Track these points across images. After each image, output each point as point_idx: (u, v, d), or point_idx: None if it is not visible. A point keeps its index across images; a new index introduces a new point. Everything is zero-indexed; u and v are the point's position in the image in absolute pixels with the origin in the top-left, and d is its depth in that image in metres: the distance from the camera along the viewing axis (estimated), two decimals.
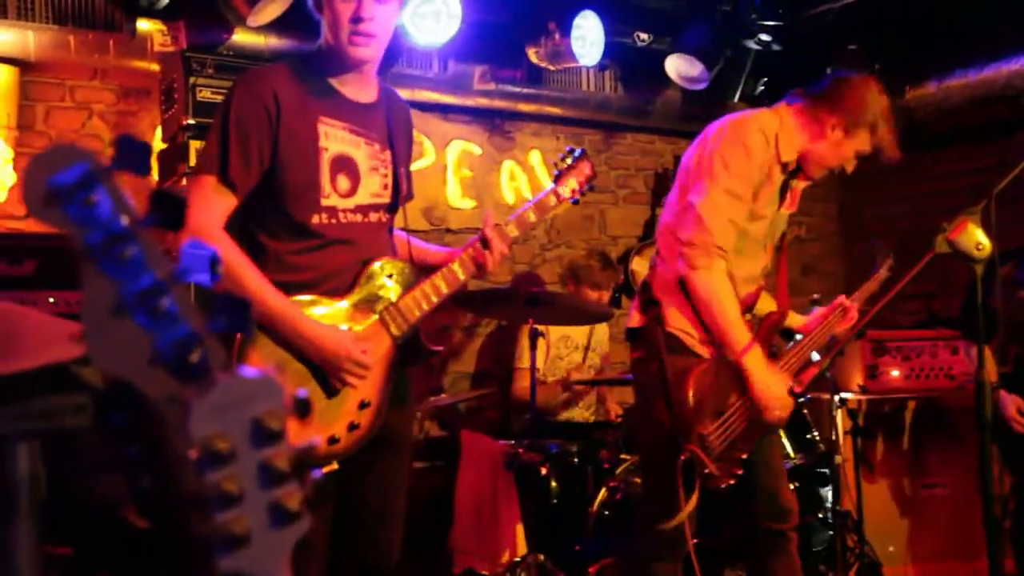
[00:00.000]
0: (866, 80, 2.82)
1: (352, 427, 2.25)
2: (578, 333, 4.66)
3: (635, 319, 2.88)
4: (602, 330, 4.79)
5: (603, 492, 3.83)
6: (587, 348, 4.71)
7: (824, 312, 3.07)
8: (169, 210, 0.92)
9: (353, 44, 2.24)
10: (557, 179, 2.74)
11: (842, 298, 3.10)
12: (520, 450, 3.85)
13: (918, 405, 4.81)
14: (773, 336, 2.91)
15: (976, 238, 2.27)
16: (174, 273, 0.92)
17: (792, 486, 3.84)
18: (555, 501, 3.91)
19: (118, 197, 0.90)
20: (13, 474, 1.24)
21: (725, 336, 2.66)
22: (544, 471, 3.74)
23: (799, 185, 2.89)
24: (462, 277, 2.43)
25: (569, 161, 2.78)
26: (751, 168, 2.67)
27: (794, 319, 3.07)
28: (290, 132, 2.23)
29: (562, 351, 4.62)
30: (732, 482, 2.69)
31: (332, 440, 2.21)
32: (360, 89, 2.37)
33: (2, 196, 3.77)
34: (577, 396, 4.59)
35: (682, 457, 2.61)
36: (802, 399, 4.17)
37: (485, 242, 2.44)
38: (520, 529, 3.87)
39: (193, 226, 2.14)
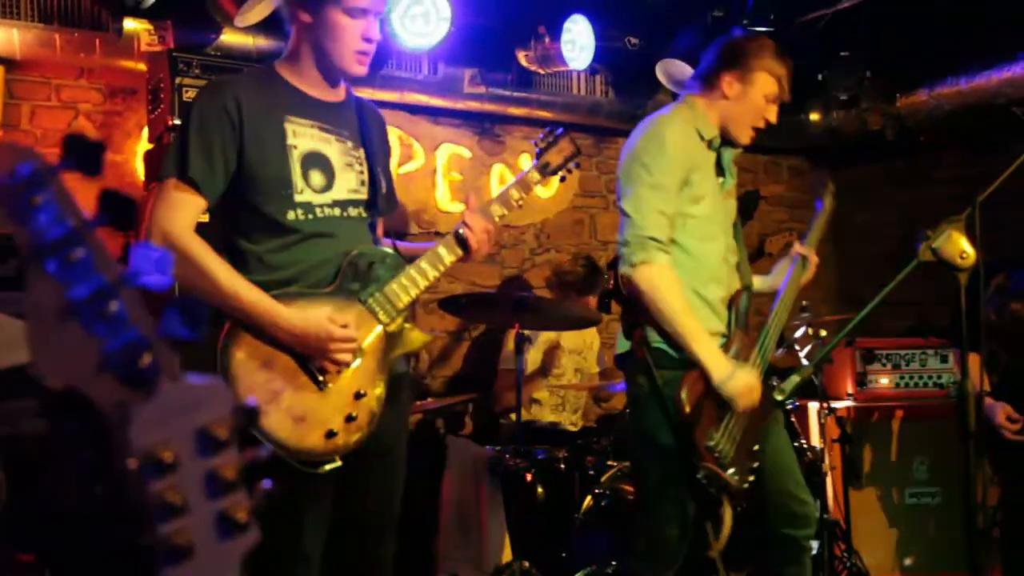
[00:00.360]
0: (737, 35, 2.95)
1: (349, 419, 2.20)
2: (570, 339, 4.65)
3: (621, 345, 2.89)
4: (592, 337, 4.78)
5: (589, 499, 3.81)
6: (578, 353, 4.69)
7: (785, 268, 3.08)
8: (119, 210, 0.90)
9: (359, 63, 2.29)
10: (539, 156, 2.71)
11: (797, 246, 3.11)
12: (506, 456, 3.84)
13: (906, 413, 4.80)
14: (747, 312, 2.91)
15: (960, 246, 2.25)
16: (123, 276, 0.90)
17: None
18: (541, 507, 3.88)
19: (64, 198, 0.87)
20: None
21: (678, 330, 2.64)
22: (529, 477, 3.72)
23: (733, 154, 2.94)
24: (448, 259, 2.39)
25: (550, 139, 2.73)
26: (671, 161, 2.69)
27: (760, 283, 3.08)
28: (255, 133, 2.23)
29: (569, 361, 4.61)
30: (751, 480, 2.69)
31: (330, 434, 2.17)
32: (327, 90, 2.37)
33: None
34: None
35: (699, 476, 2.60)
36: (789, 406, 4.16)
37: (466, 223, 2.41)
38: (505, 535, 3.85)
39: (159, 229, 2.14)
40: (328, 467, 2.17)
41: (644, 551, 2.82)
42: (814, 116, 5.71)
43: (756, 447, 2.75)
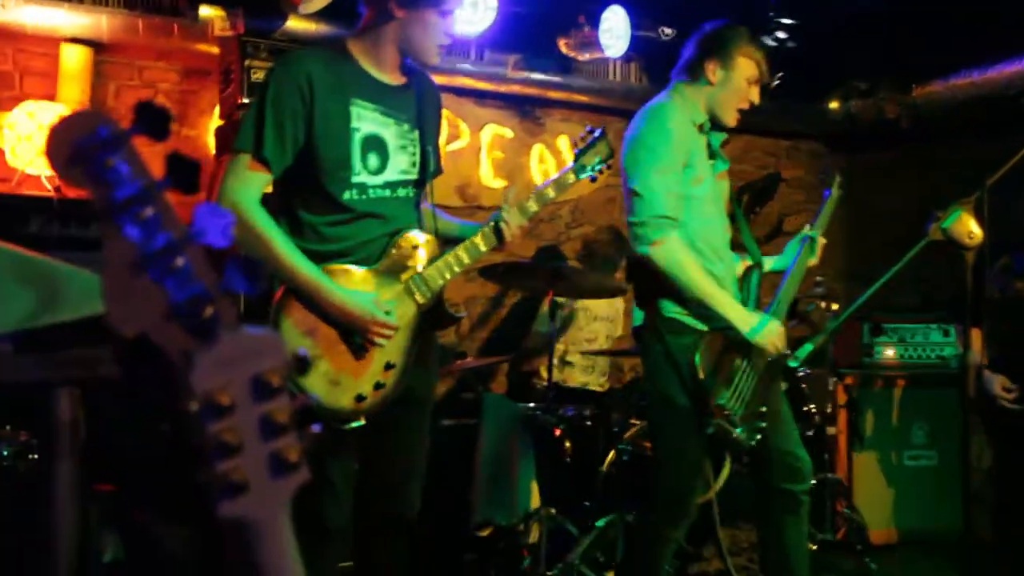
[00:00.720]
0: (715, 26, 2.90)
1: (378, 386, 2.24)
2: (598, 307, 4.62)
3: (636, 318, 2.88)
4: (619, 305, 4.75)
5: (612, 454, 3.81)
6: (610, 321, 4.67)
7: (794, 249, 3.04)
8: (184, 173, 0.89)
9: (439, 55, 2.31)
10: (577, 157, 2.70)
11: (807, 228, 3.06)
12: (538, 412, 3.84)
13: (908, 383, 4.74)
14: (758, 288, 2.89)
15: (969, 227, 2.20)
16: (189, 234, 0.89)
17: None
18: (568, 460, 3.89)
19: (136, 160, 0.87)
20: (55, 418, 1.23)
21: (702, 297, 2.64)
22: (558, 432, 3.72)
23: (720, 139, 2.92)
24: (483, 249, 2.41)
25: (588, 140, 2.72)
26: (674, 144, 2.68)
27: (770, 262, 3.05)
28: (324, 113, 2.21)
29: (583, 323, 4.59)
30: (759, 438, 2.70)
31: (359, 398, 2.21)
32: (392, 72, 2.34)
33: None
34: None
35: (709, 431, 2.62)
36: (801, 373, 4.12)
37: (503, 218, 2.42)
38: (535, 485, 3.86)
39: (229, 200, 2.13)
40: (353, 425, 2.20)
41: (662, 505, 2.82)
42: (833, 104, 5.60)
43: (764, 408, 2.75)
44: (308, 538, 1.72)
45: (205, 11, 3.71)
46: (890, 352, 4.77)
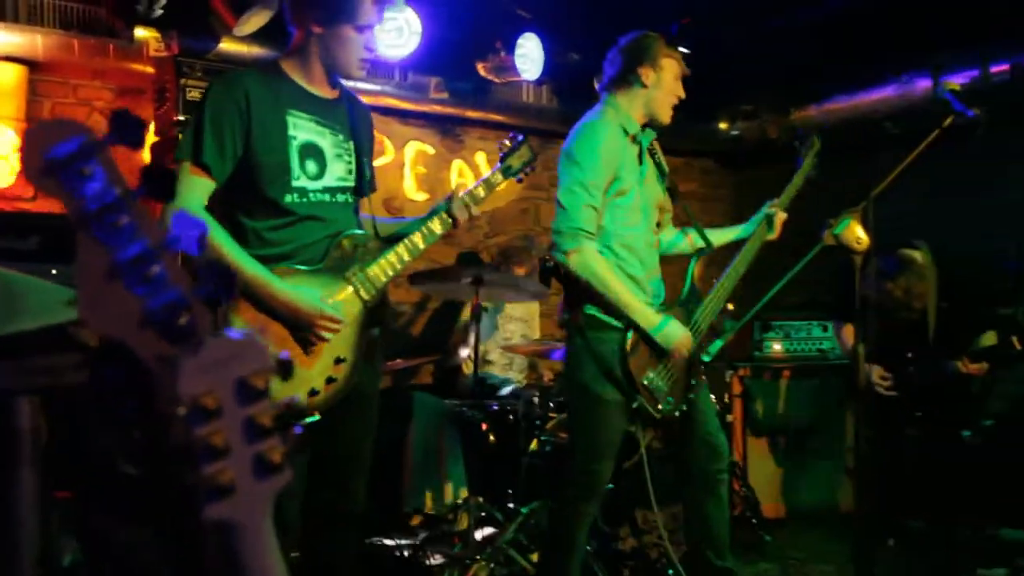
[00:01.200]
0: (635, 36, 2.92)
1: (330, 380, 2.19)
2: (516, 310, 4.62)
3: (564, 313, 2.89)
4: (534, 307, 4.76)
5: (534, 444, 3.80)
6: (525, 322, 4.67)
7: (756, 223, 3.11)
8: (161, 182, 0.83)
9: (361, 69, 2.26)
10: (502, 159, 2.69)
11: (767, 204, 3.16)
12: (464, 408, 3.80)
13: (792, 374, 4.88)
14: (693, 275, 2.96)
15: (856, 233, 2.27)
16: (164, 242, 0.84)
17: None
18: (493, 451, 3.86)
19: (111, 169, 0.81)
20: (17, 426, 1.14)
21: (611, 298, 2.67)
22: (484, 427, 3.69)
23: (651, 136, 2.93)
24: (422, 246, 2.38)
25: (512, 145, 2.73)
26: (601, 162, 2.69)
27: (725, 235, 3.14)
28: (261, 123, 2.16)
29: (500, 323, 4.57)
30: (683, 408, 2.78)
31: (312, 392, 2.15)
32: (323, 87, 2.30)
33: (10, 180, 3.58)
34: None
35: (634, 406, 2.68)
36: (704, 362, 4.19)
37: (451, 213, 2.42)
38: (463, 475, 3.82)
39: (174, 206, 2.05)
40: (308, 420, 2.14)
41: (578, 484, 2.82)
42: (722, 125, 5.74)
43: (693, 382, 2.84)
44: None
45: (140, 32, 3.56)
46: (777, 346, 4.91)
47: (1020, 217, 4.94)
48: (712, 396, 4.07)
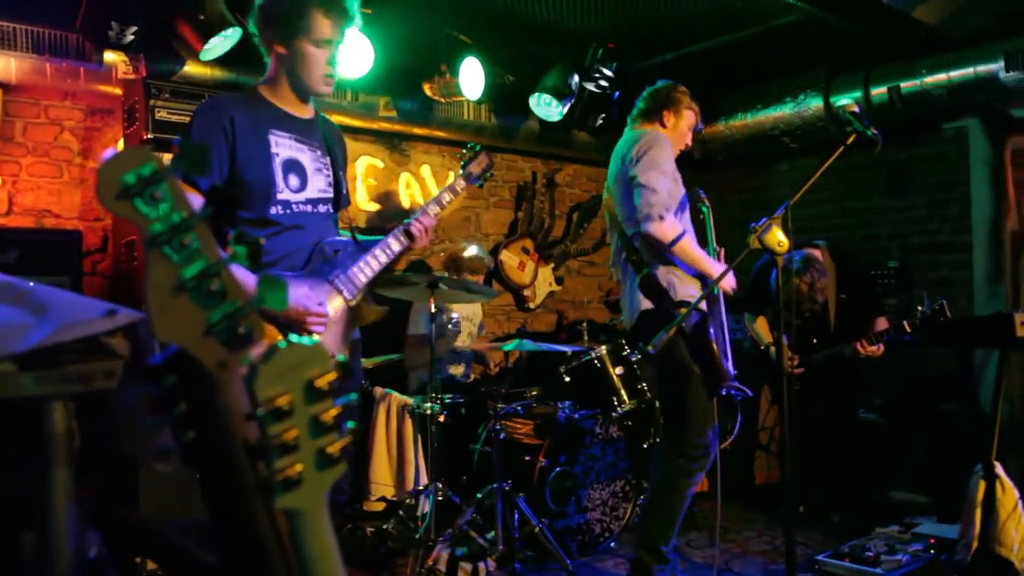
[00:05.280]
0: (667, 84, 3.20)
1: None
2: (468, 311, 4.64)
3: (633, 303, 3.00)
4: (477, 307, 4.79)
5: (487, 434, 3.83)
6: (472, 321, 4.70)
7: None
8: (222, 204, 0.84)
9: (326, 85, 2.24)
10: (463, 167, 2.71)
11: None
12: (422, 402, 3.80)
13: None
14: None
15: (778, 237, 2.36)
16: (222, 259, 0.85)
17: (628, 423, 3.96)
18: (450, 441, 3.88)
19: (177, 193, 0.82)
20: (51, 430, 1.12)
21: (700, 264, 2.84)
22: (441, 419, 3.71)
23: None
24: (396, 248, 2.38)
25: (471, 154, 2.75)
26: (670, 161, 2.94)
27: None
28: (245, 144, 2.14)
29: (462, 328, 4.58)
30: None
31: None
32: (300, 108, 2.30)
33: None
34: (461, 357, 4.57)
35: (723, 392, 2.85)
36: (633, 358, 4.28)
37: (411, 223, 2.41)
38: (423, 464, 3.83)
39: None
40: None
41: (695, 453, 2.89)
42: None
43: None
44: None
45: (109, 56, 3.45)
46: None
47: (898, 221, 5.22)
48: (641, 384, 4.21)
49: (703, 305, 2.87)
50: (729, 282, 2.94)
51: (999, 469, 2.83)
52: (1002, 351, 2.92)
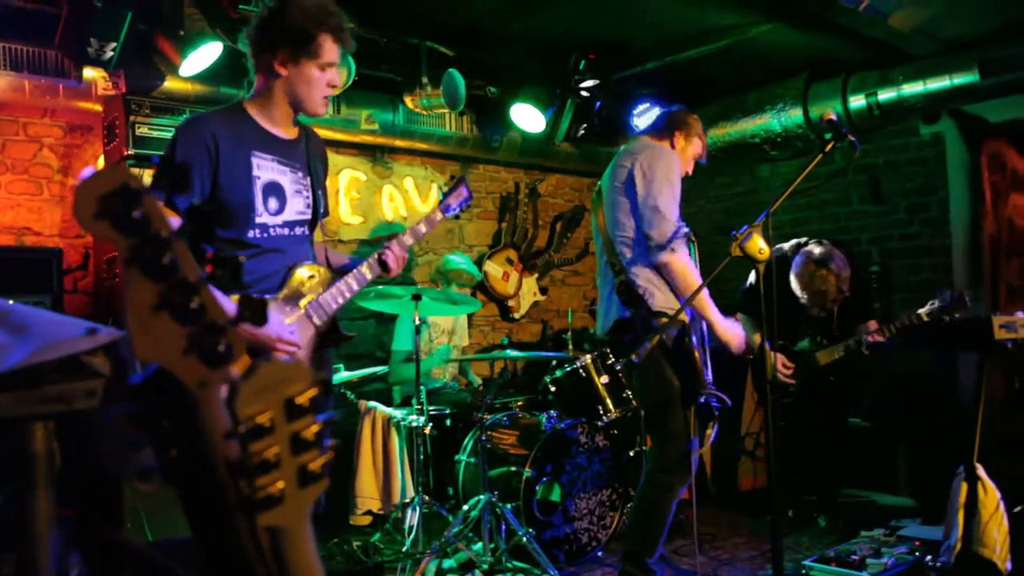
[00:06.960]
0: (683, 109, 3.25)
1: None
2: (444, 322, 4.64)
3: (612, 314, 3.00)
4: (462, 319, 4.79)
5: (472, 444, 3.83)
6: (451, 332, 4.69)
7: None
8: (200, 223, 0.85)
9: (324, 106, 2.24)
10: (442, 199, 2.73)
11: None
12: (408, 414, 3.80)
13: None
14: None
15: (759, 245, 2.38)
16: (203, 277, 0.85)
17: (614, 432, 3.97)
18: (435, 453, 3.87)
19: (155, 212, 0.82)
20: (32, 450, 1.12)
21: (699, 298, 2.85)
22: (426, 431, 3.71)
23: None
24: (369, 277, 2.38)
25: (451, 186, 2.79)
26: (679, 183, 2.96)
27: None
28: (228, 165, 2.12)
29: (434, 336, 4.58)
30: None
31: None
32: (287, 128, 2.29)
33: None
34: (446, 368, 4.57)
35: (701, 400, 2.84)
36: (617, 365, 4.29)
37: (384, 252, 2.40)
38: (408, 476, 3.82)
39: None
40: None
41: (674, 465, 2.91)
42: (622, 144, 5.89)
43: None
44: None
45: (89, 72, 3.44)
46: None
47: (878, 226, 5.28)
48: (627, 392, 4.22)
49: (686, 313, 2.89)
50: (738, 343, 2.99)
51: (980, 471, 2.85)
52: (982, 354, 2.95)
